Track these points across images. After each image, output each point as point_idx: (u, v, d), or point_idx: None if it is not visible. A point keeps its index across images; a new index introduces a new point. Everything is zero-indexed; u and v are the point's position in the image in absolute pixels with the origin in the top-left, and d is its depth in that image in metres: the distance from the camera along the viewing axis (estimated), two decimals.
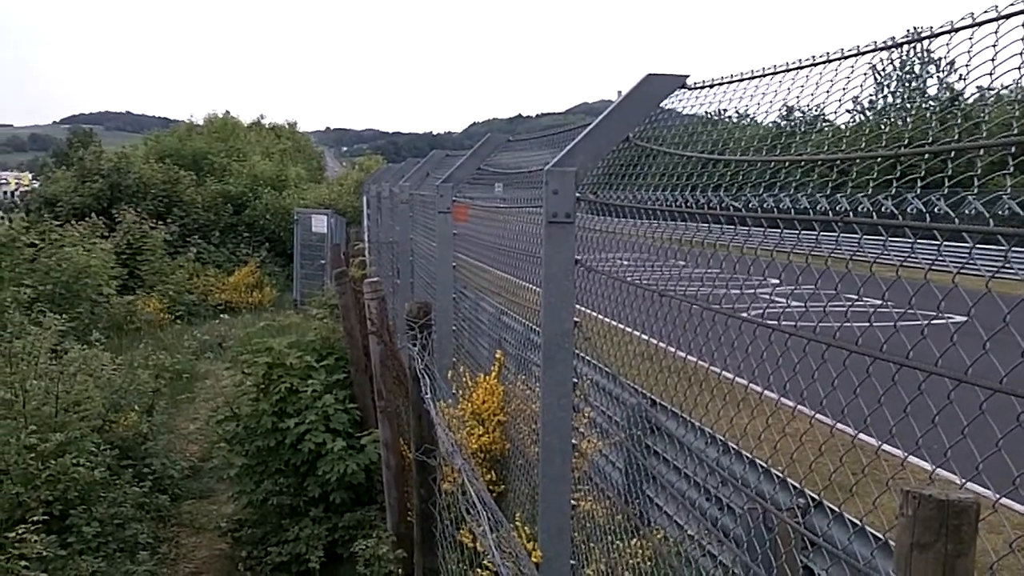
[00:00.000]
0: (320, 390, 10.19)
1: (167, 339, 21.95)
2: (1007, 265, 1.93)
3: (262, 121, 59.90)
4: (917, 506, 1.64)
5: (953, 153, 2.13)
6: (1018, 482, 1.90)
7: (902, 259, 2.25)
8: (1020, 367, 1.86)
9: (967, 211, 2.07)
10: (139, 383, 13.41)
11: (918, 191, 2.23)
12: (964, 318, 2.00)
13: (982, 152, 2.06)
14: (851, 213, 2.38)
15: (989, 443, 2.01)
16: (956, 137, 2.15)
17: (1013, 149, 1.97)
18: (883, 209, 2.31)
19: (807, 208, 2.57)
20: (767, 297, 2.85)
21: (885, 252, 2.33)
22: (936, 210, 2.13)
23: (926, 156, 2.22)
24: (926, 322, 2.11)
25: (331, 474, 9.63)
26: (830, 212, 2.48)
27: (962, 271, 2.00)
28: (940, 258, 2.07)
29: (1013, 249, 1.90)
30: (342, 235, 31.80)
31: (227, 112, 54.14)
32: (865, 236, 2.36)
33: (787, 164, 2.82)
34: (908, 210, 2.27)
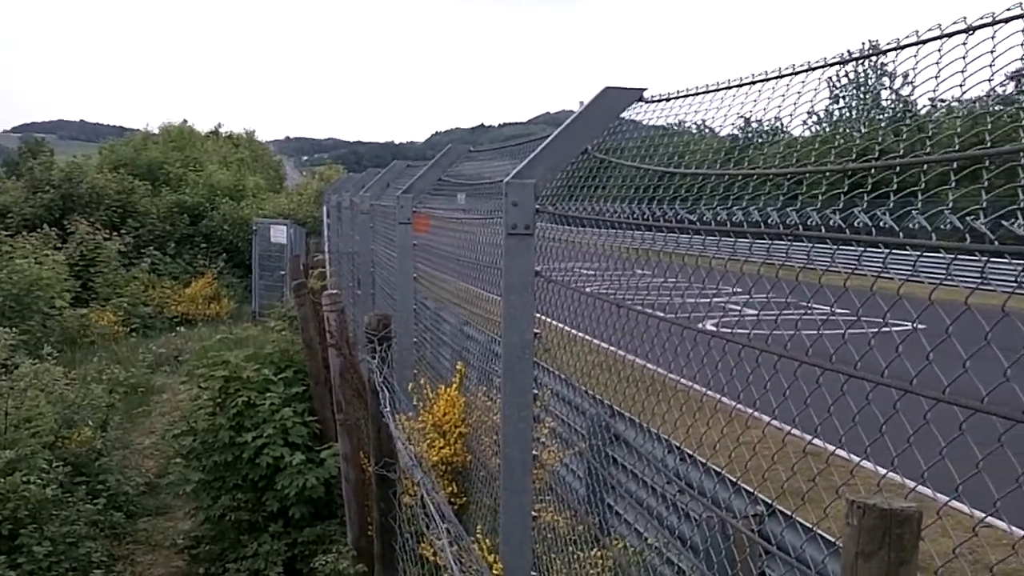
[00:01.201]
0: (278, 403, 10.15)
1: (122, 352, 21.69)
2: (948, 277, 2.00)
3: (220, 130, 59.38)
4: (862, 515, 1.69)
5: (899, 168, 2.20)
6: (961, 489, 1.97)
7: (851, 269, 2.32)
8: (963, 377, 1.92)
9: (911, 224, 2.14)
10: (93, 398, 13.25)
11: (865, 205, 2.29)
12: (911, 326, 2.07)
13: (926, 167, 2.13)
14: (800, 227, 2.45)
15: (935, 451, 2.07)
16: (900, 151, 2.22)
17: (955, 164, 2.05)
18: (831, 223, 2.38)
19: (758, 221, 2.63)
20: (726, 306, 2.91)
21: (833, 263, 2.41)
22: (882, 224, 2.20)
23: (872, 170, 2.29)
24: (874, 331, 2.18)
25: (290, 488, 9.59)
26: (780, 225, 2.54)
27: (909, 279, 2.06)
28: (886, 269, 2.14)
29: (956, 261, 1.97)
30: (302, 246, 31.62)
31: (184, 121, 53.60)
32: (816, 246, 2.43)
33: (740, 177, 2.88)
34: (855, 223, 2.34)
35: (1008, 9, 1.93)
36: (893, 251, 2.13)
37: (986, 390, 1.86)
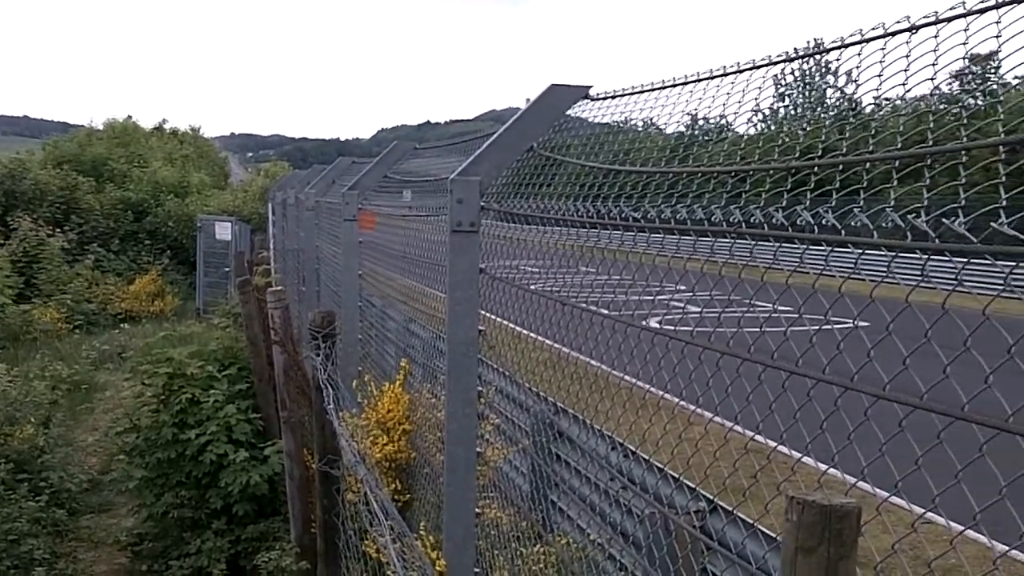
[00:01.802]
0: (222, 400, 10.07)
1: (65, 349, 21.24)
2: (890, 275, 1.98)
3: (164, 126, 58.46)
4: (801, 511, 1.67)
5: (841, 165, 2.18)
6: (900, 485, 1.95)
7: (793, 267, 2.29)
8: (904, 374, 1.90)
9: (854, 223, 2.12)
10: (35, 395, 12.98)
11: (808, 203, 2.27)
12: (852, 324, 2.05)
13: (869, 165, 2.11)
14: (743, 224, 2.42)
15: (875, 448, 2.05)
16: (844, 150, 2.20)
17: (898, 163, 2.03)
18: (774, 221, 2.35)
19: (702, 219, 2.61)
20: (670, 303, 2.87)
21: (776, 261, 2.38)
22: (825, 222, 2.18)
23: (816, 168, 2.27)
24: (816, 328, 2.16)
25: (233, 486, 9.51)
26: (724, 223, 2.52)
27: (851, 277, 2.04)
28: (828, 267, 2.12)
29: (897, 258, 1.96)
30: (247, 242, 31.25)
31: (128, 117, 52.61)
32: (759, 244, 2.40)
33: (685, 175, 2.85)
34: (797, 222, 2.32)
35: (951, 8, 1.91)
36: (835, 249, 2.10)
37: (926, 387, 1.84)
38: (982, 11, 1.82)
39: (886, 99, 2.21)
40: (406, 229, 6.73)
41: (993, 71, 2.18)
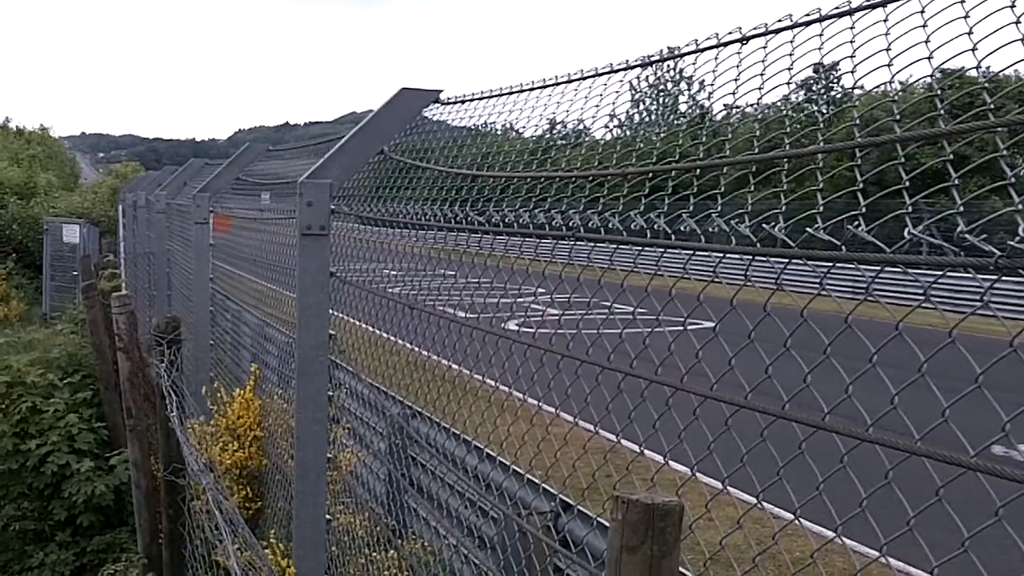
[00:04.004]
0: (64, 409, 9.58)
1: None
2: (747, 280, 1.94)
3: (9, 125, 55.04)
4: (626, 510, 1.64)
5: (699, 170, 2.11)
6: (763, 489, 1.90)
7: (652, 271, 2.22)
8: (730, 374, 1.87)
9: (711, 228, 2.06)
10: None
11: (666, 207, 2.20)
12: (711, 324, 2.00)
13: (724, 171, 2.05)
14: (581, 229, 2.36)
15: (737, 455, 2.00)
16: (700, 155, 2.13)
17: (753, 167, 1.96)
18: (632, 226, 2.28)
19: (560, 224, 2.51)
20: (530, 306, 2.78)
21: (635, 266, 2.31)
22: (683, 227, 2.11)
23: (672, 173, 2.20)
24: (659, 330, 2.11)
25: (78, 496, 9.10)
26: (581, 228, 2.42)
27: (713, 281, 1.99)
28: (686, 272, 2.05)
29: (753, 263, 1.91)
30: (95, 245, 29.70)
31: None
32: (619, 249, 2.33)
33: (543, 179, 2.75)
34: (654, 227, 2.24)
35: (807, 14, 1.85)
36: (696, 254, 2.04)
37: (750, 386, 1.87)
38: (839, 15, 1.77)
39: (737, 106, 2.15)
40: (260, 232, 6.44)
41: (836, 81, 2.16)
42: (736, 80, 2.02)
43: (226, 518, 3.43)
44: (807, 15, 1.85)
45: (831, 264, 1.66)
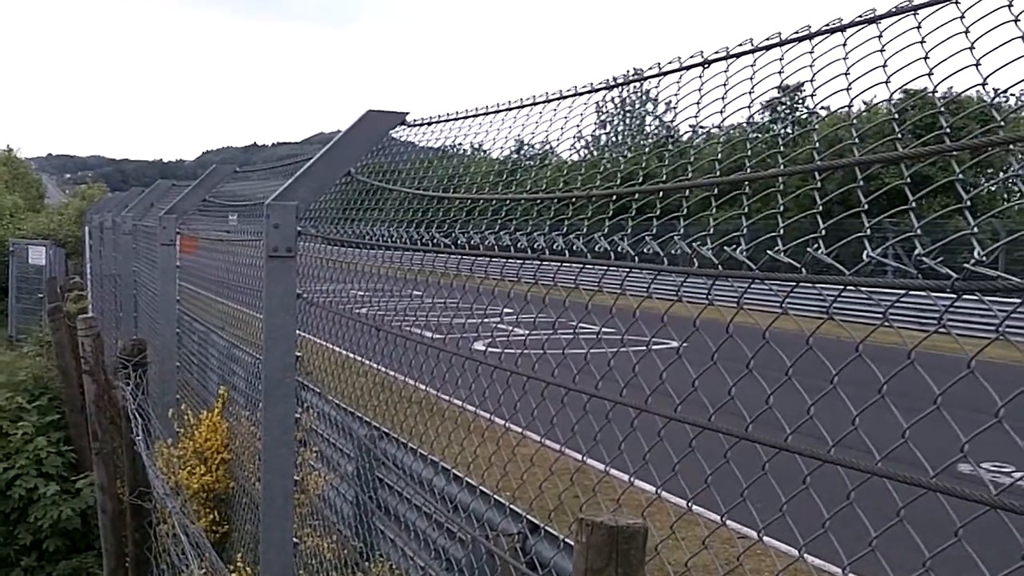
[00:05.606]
0: (31, 432, 9.44)
1: None
2: (710, 302, 1.94)
3: None
4: (590, 533, 1.63)
5: (662, 192, 2.11)
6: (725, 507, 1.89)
7: (617, 291, 2.21)
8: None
9: (674, 251, 2.06)
10: None
11: (630, 229, 2.20)
12: (677, 343, 2.00)
13: (688, 192, 2.05)
14: (546, 251, 2.36)
15: (698, 471, 1.99)
16: (664, 177, 2.13)
17: (716, 189, 1.97)
18: (597, 248, 2.27)
19: (526, 247, 2.50)
20: (496, 326, 2.77)
21: (600, 287, 2.30)
22: (647, 250, 2.11)
23: (636, 195, 2.20)
24: (614, 351, 2.12)
25: (44, 520, 8.99)
26: (546, 250, 2.41)
27: (678, 301, 1.98)
28: (650, 294, 2.04)
29: (716, 285, 1.91)
30: (62, 267, 29.29)
31: None
32: (585, 268, 2.32)
33: (508, 201, 2.75)
34: (619, 249, 2.24)
35: (767, 38, 1.86)
36: (659, 275, 2.03)
37: (714, 406, 1.88)
38: (798, 40, 1.78)
39: (702, 127, 2.16)
40: (227, 253, 6.37)
41: (800, 102, 2.18)
42: (698, 104, 2.02)
43: (192, 542, 3.37)
44: (767, 39, 1.86)
45: (793, 284, 1.67)
